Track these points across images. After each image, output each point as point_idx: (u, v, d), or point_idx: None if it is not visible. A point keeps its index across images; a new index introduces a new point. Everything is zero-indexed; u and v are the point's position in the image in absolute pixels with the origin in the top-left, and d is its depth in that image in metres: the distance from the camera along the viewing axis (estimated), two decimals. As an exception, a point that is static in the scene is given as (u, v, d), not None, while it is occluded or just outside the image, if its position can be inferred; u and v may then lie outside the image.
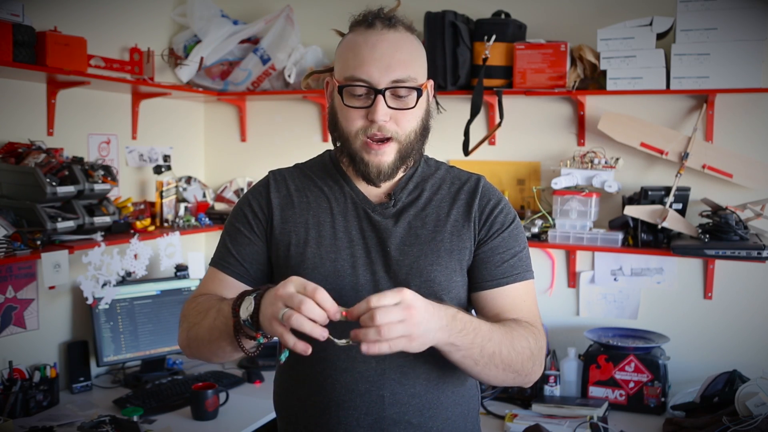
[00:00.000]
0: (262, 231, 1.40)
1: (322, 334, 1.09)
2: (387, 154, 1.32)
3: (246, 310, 1.17)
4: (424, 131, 1.37)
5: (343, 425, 1.33)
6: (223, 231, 1.46)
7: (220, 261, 1.42)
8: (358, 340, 1.09)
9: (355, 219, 1.38)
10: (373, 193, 1.40)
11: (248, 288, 1.35)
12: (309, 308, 1.08)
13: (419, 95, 1.32)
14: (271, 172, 1.47)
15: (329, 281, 1.30)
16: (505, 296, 1.38)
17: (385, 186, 1.40)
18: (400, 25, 1.33)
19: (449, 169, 1.47)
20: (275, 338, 1.17)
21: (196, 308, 1.35)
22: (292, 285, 1.11)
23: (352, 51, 1.31)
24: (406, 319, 1.09)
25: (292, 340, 1.09)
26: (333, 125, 1.38)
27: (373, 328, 1.08)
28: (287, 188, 1.43)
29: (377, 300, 1.09)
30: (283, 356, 1.18)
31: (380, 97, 1.28)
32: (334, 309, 1.10)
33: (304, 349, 1.10)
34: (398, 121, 1.31)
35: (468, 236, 1.38)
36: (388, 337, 1.08)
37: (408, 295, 1.11)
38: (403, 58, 1.30)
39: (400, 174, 1.41)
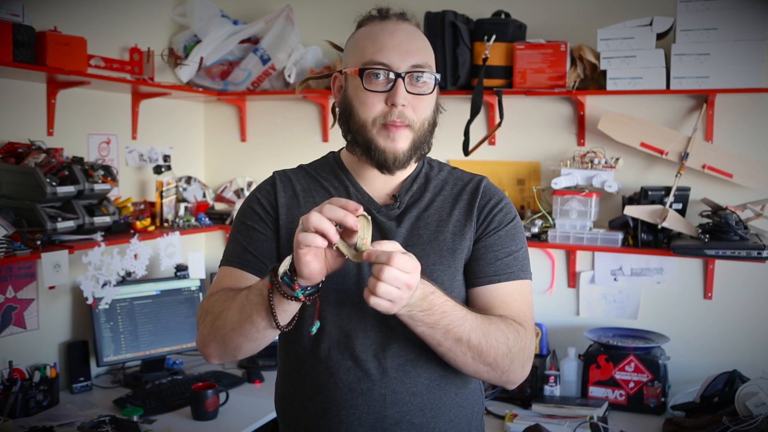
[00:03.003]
0: (274, 226, 1.40)
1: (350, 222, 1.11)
2: (403, 141, 1.33)
3: (283, 266, 1.17)
4: (433, 123, 1.39)
5: (345, 424, 1.33)
6: (232, 231, 1.45)
7: (235, 259, 1.40)
8: (371, 260, 1.11)
9: None
10: (377, 194, 1.41)
11: None
12: (329, 208, 1.10)
13: (436, 82, 1.35)
14: (276, 173, 1.48)
15: (334, 280, 1.30)
16: (495, 294, 1.37)
17: (390, 187, 1.41)
18: (411, 19, 1.39)
19: (452, 170, 1.49)
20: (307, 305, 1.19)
21: (219, 300, 1.33)
22: (300, 226, 1.12)
23: (370, 38, 1.34)
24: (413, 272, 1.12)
25: (333, 229, 1.10)
26: (346, 116, 1.37)
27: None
28: (293, 188, 1.43)
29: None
30: (314, 328, 1.23)
31: (400, 80, 1.30)
32: (352, 204, 1.11)
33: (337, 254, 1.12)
34: (415, 108, 1.33)
35: (469, 235, 1.38)
36: (398, 268, 1.09)
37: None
38: (419, 46, 1.35)
39: (406, 173, 1.42)
